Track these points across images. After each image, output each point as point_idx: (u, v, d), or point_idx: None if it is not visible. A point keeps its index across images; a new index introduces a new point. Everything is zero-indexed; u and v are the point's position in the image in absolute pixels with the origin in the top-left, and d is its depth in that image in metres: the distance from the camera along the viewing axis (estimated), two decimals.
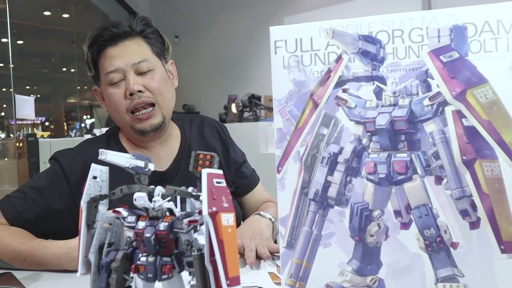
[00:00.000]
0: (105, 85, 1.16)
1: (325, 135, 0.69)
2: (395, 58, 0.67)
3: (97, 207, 0.57)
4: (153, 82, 1.15)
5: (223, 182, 0.52)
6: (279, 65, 0.71)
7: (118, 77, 1.14)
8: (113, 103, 1.15)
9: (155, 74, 1.17)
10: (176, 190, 0.53)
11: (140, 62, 1.15)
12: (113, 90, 1.15)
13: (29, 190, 1.13)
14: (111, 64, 1.15)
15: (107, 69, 1.15)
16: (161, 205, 0.54)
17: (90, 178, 0.57)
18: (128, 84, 1.13)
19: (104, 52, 1.17)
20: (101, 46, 1.17)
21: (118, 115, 1.16)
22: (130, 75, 1.14)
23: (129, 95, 1.13)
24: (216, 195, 0.50)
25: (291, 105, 0.70)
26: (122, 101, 1.14)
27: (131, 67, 1.14)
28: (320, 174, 0.70)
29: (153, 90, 1.15)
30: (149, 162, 0.59)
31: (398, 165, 0.67)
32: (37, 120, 7.75)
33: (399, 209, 0.67)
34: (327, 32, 0.69)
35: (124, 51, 1.16)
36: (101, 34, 1.16)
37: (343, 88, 0.69)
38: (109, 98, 1.16)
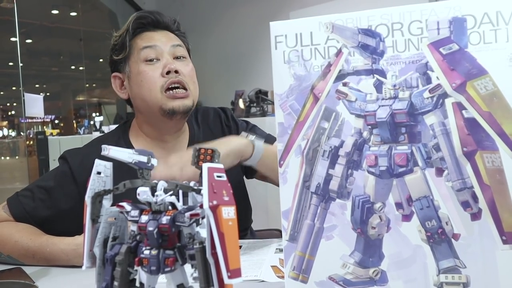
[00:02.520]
0: (138, 61, 1.15)
1: (326, 129, 0.70)
2: (395, 51, 0.67)
3: (102, 202, 0.58)
4: (187, 68, 1.17)
5: (223, 176, 0.53)
6: (280, 60, 0.71)
7: (154, 55, 1.14)
8: (147, 80, 1.14)
9: (189, 62, 1.20)
10: (177, 184, 0.54)
11: (178, 46, 1.18)
12: (148, 67, 1.14)
13: (37, 190, 1.14)
14: (149, 41, 1.16)
15: (144, 43, 1.15)
16: (164, 199, 0.55)
17: (94, 173, 0.58)
18: (167, 62, 1.13)
19: (141, 34, 1.18)
20: (140, 29, 1.18)
21: (149, 93, 1.14)
22: (167, 56, 1.15)
23: (166, 73, 1.13)
24: (217, 189, 0.51)
25: (292, 100, 0.71)
26: (158, 79, 1.13)
27: (169, 48, 1.16)
28: (321, 168, 0.70)
29: (187, 75, 1.16)
30: (152, 157, 0.60)
31: (399, 157, 0.67)
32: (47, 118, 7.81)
33: (401, 201, 0.68)
34: (326, 27, 0.69)
35: (164, 35, 1.18)
36: (145, 16, 1.18)
37: (344, 81, 0.69)
38: (143, 74, 1.14)
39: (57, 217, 1.13)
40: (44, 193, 1.14)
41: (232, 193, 0.52)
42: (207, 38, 6.25)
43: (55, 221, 1.13)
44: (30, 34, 7.62)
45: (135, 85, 1.17)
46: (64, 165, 1.17)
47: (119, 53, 1.19)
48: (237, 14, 5.98)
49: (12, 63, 5.86)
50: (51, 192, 1.14)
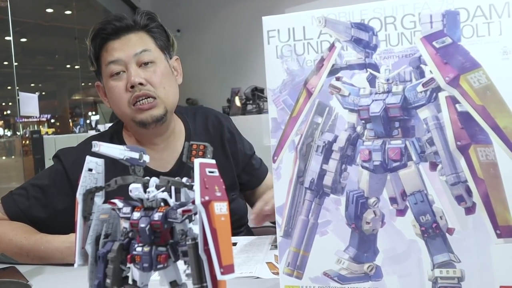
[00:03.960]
0: (107, 77, 1.15)
1: (320, 124, 0.69)
2: (388, 45, 0.67)
3: (93, 199, 0.58)
4: (155, 75, 1.13)
5: (215, 171, 0.52)
6: (273, 55, 0.71)
7: (119, 69, 1.12)
8: (114, 96, 1.14)
9: (157, 67, 1.15)
10: (169, 180, 0.53)
11: (142, 52, 1.13)
12: (114, 83, 1.13)
13: (31, 188, 1.13)
14: (112, 54, 1.13)
15: (108, 59, 1.13)
16: (156, 195, 0.54)
17: (86, 170, 0.57)
18: (130, 76, 1.11)
19: (106, 45, 1.15)
20: (103, 39, 1.15)
21: (119, 109, 1.15)
22: (132, 67, 1.12)
23: (130, 88, 1.11)
24: (209, 185, 0.50)
25: (285, 95, 0.70)
26: (124, 94, 1.12)
27: (132, 57, 1.12)
28: (315, 163, 0.70)
29: (155, 83, 1.13)
30: (143, 154, 0.59)
31: (393, 152, 0.67)
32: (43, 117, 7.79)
33: (395, 196, 0.67)
34: (319, 21, 0.69)
35: (126, 43, 1.14)
36: (103, 27, 1.15)
37: (337, 76, 0.69)
38: (110, 91, 1.15)
39: (52, 215, 1.12)
40: (39, 191, 1.13)
41: (224, 188, 0.52)
42: (203, 36, 6.24)
43: (50, 220, 1.12)
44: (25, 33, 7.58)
45: (110, 101, 1.18)
46: (58, 164, 1.16)
47: (91, 65, 1.20)
48: (232, 11, 5.97)
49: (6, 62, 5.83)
50: (45, 191, 1.13)
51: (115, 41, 1.14)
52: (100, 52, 1.16)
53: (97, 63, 1.18)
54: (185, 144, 0.57)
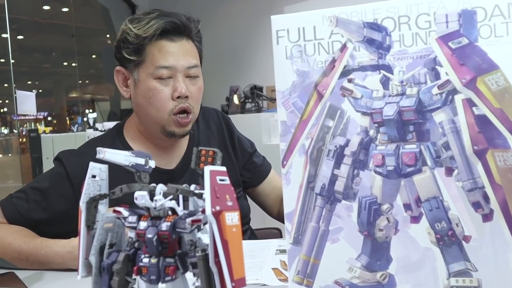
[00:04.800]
0: (149, 76, 1.11)
1: (331, 127, 0.67)
2: (402, 45, 0.64)
3: (97, 207, 0.55)
4: (197, 91, 1.15)
5: (226, 179, 0.50)
6: (282, 56, 0.68)
7: (168, 74, 1.11)
8: (157, 100, 1.11)
9: (199, 82, 1.17)
10: (178, 188, 0.51)
11: (193, 68, 1.13)
12: (159, 86, 1.11)
13: (31, 192, 1.11)
14: (166, 59, 1.10)
15: (160, 62, 1.10)
16: (163, 204, 0.52)
17: (89, 177, 0.55)
18: (180, 87, 1.10)
19: (160, 43, 1.11)
20: (157, 36, 1.11)
21: (156, 112, 1.12)
22: (181, 77, 1.12)
23: (177, 98, 1.11)
24: (220, 193, 0.48)
25: (295, 97, 0.68)
26: (169, 101, 1.11)
27: (184, 69, 1.12)
28: (326, 168, 0.67)
29: (194, 98, 1.14)
30: (149, 159, 0.57)
31: (407, 156, 0.65)
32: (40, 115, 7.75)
33: (409, 202, 0.65)
34: (330, 20, 0.66)
35: (182, 51, 1.12)
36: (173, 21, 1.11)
37: (349, 78, 0.66)
38: (152, 92, 1.11)
39: (52, 219, 1.10)
40: (39, 194, 1.10)
41: (235, 197, 0.50)
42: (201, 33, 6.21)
43: (50, 224, 1.10)
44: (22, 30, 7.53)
45: (143, 98, 1.13)
46: (59, 166, 1.13)
47: (131, 52, 1.12)
48: (231, 8, 5.94)
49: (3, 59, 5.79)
50: (45, 194, 1.10)
51: (171, 44, 1.12)
52: (147, 46, 1.11)
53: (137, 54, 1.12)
54: (193, 150, 0.55)
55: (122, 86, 1.18)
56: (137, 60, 1.12)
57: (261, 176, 1.37)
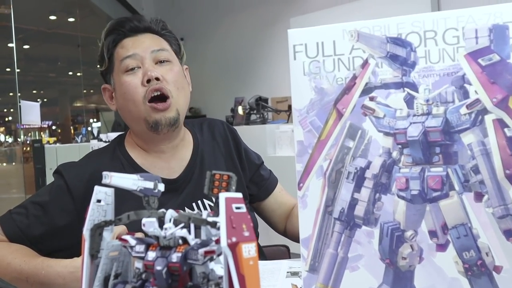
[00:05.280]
0: (120, 73, 1.10)
1: (351, 148, 0.63)
2: (428, 62, 0.61)
3: (102, 235, 0.51)
4: (171, 73, 1.11)
5: (243, 207, 0.46)
6: (299, 72, 0.65)
7: (134, 64, 1.09)
8: (129, 91, 1.09)
9: (174, 66, 1.13)
10: (190, 217, 0.47)
11: (159, 51, 1.11)
12: (128, 78, 1.09)
13: (31, 206, 1.07)
14: (127, 50, 1.10)
15: (124, 54, 1.10)
16: (174, 233, 0.48)
17: (94, 202, 0.51)
18: (146, 70, 1.08)
19: (122, 42, 1.13)
20: (119, 36, 1.13)
21: (133, 105, 1.09)
22: (148, 62, 1.09)
23: (146, 82, 1.07)
24: (236, 223, 0.44)
25: (313, 115, 0.64)
26: (139, 88, 1.08)
27: (149, 54, 1.10)
28: (345, 191, 0.63)
29: (171, 81, 1.10)
30: (158, 182, 0.53)
31: (433, 180, 0.60)
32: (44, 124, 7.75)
33: (435, 229, 0.61)
34: (351, 35, 0.63)
35: (143, 40, 1.12)
36: (122, 23, 1.13)
37: (370, 96, 0.62)
38: (124, 86, 1.10)
39: (53, 233, 1.06)
40: (39, 209, 1.06)
41: (252, 226, 0.46)
42: (206, 44, 6.20)
43: (51, 239, 1.06)
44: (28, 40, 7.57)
45: (120, 97, 1.12)
46: (59, 179, 1.09)
47: (102, 63, 1.15)
48: (237, 20, 5.94)
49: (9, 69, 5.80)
50: (46, 208, 1.06)
51: (132, 39, 1.13)
52: (114, 49, 1.13)
53: (109, 61, 1.14)
54: (206, 174, 0.51)
55: (110, 102, 1.18)
56: (106, 67, 1.14)
57: (268, 190, 1.33)
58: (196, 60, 6.03)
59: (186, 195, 1.14)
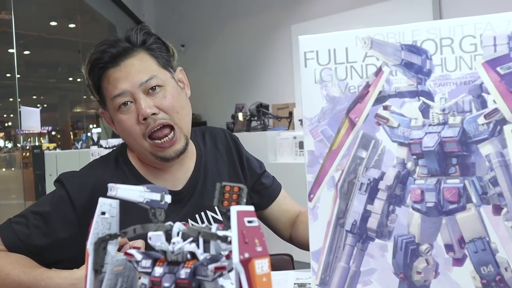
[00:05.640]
0: (114, 110, 1.06)
1: (364, 159, 0.61)
2: (444, 70, 0.59)
3: (106, 249, 0.49)
4: (166, 100, 1.05)
5: (255, 220, 0.44)
6: (310, 79, 0.63)
7: (126, 100, 1.04)
8: (126, 130, 1.06)
9: (166, 90, 1.07)
10: (200, 231, 0.45)
11: (148, 80, 1.05)
12: (123, 116, 1.05)
13: (31, 216, 1.04)
14: (115, 87, 1.04)
15: (113, 93, 1.05)
16: (182, 247, 0.45)
17: (98, 215, 0.49)
18: (140, 109, 1.02)
19: (106, 75, 1.06)
20: (101, 69, 1.06)
21: (134, 142, 1.06)
22: (140, 97, 1.03)
23: (143, 120, 1.03)
24: (248, 238, 0.42)
25: (324, 125, 0.62)
26: (136, 127, 1.04)
27: (138, 87, 1.04)
28: (358, 203, 0.61)
29: (167, 109, 1.05)
30: (165, 194, 0.51)
31: (449, 192, 0.58)
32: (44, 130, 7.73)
33: (451, 242, 0.59)
34: (364, 42, 0.61)
35: (128, 71, 1.05)
36: (100, 57, 1.06)
37: (384, 105, 0.60)
38: (121, 124, 1.06)
39: (54, 245, 1.03)
40: (40, 219, 1.04)
41: (264, 240, 0.44)
42: (207, 51, 6.19)
43: (52, 250, 1.03)
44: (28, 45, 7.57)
45: (120, 132, 1.09)
46: (61, 189, 1.07)
47: (94, 95, 1.12)
48: (238, 26, 5.93)
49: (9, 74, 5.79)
50: (47, 218, 1.04)
51: (115, 70, 1.06)
52: (101, 83, 1.08)
53: (99, 93, 1.10)
54: (216, 185, 0.49)
55: (110, 124, 1.14)
56: (101, 99, 1.10)
57: (270, 198, 1.31)
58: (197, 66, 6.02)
59: (190, 206, 1.11)
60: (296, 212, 1.30)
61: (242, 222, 0.42)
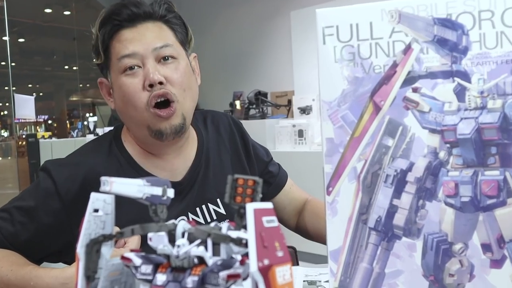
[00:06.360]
0: (117, 73, 0.97)
1: (390, 147, 0.54)
2: (483, 47, 0.52)
3: (100, 251, 0.42)
4: (176, 73, 0.97)
5: (274, 220, 0.38)
6: (329, 58, 0.56)
7: (134, 63, 0.96)
8: (128, 95, 0.97)
9: (179, 64, 0.99)
10: (210, 233, 0.38)
11: (163, 47, 0.97)
12: (127, 80, 0.96)
13: (16, 212, 0.96)
14: (126, 47, 0.96)
15: (122, 52, 0.96)
16: (188, 251, 0.39)
17: (90, 212, 0.42)
18: (148, 73, 0.94)
19: (119, 34, 0.97)
20: (116, 26, 0.97)
21: (134, 110, 0.97)
22: (150, 63, 0.95)
23: (149, 87, 0.94)
24: (268, 241, 0.36)
25: (345, 109, 0.55)
26: (140, 93, 0.95)
27: (151, 52, 0.96)
28: (383, 197, 0.55)
29: (176, 83, 0.97)
30: (167, 188, 0.44)
31: (488, 185, 0.52)
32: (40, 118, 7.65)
33: (489, 242, 0.52)
34: (391, 15, 0.54)
35: (144, 34, 0.97)
36: (118, 12, 0.97)
37: (414, 86, 0.54)
38: (122, 89, 0.97)
39: (41, 240, 0.96)
40: (24, 215, 0.96)
41: (285, 243, 0.37)
42: (205, 38, 6.10)
43: (38, 246, 0.96)
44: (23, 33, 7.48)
45: (119, 99, 1.00)
46: (47, 180, 0.97)
47: (97, 57, 1.01)
48: (236, 13, 5.84)
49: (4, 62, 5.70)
50: (32, 214, 0.95)
51: (131, 30, 0.98)
52: (110, 42, 0.99)
53: (105, 55, 1.00)
54: (228, 178, 0.42)
55: (108, 98, 1.05)
56: (105, 62, 1.01)
57: (278, 187, 1.23)
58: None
59: (190, 199, 1.03)
60: (303, 200, 1.23)
61: (260, 223, 0.36)
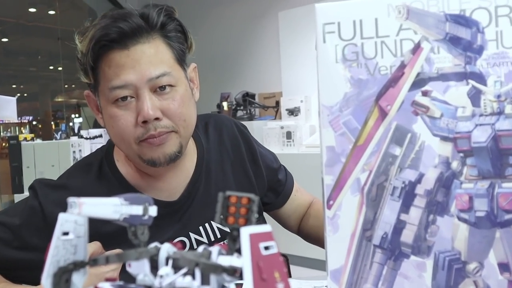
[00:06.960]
0: (107, 101, 0.87)
1: (398, 157, 0.50)
2: (500, 46, 0.48)
3: (69, 281, 0.36)
4: (174, 104, 0.87)
5: (273, 245, 0.33)
6: (330, 58, 0.51)
7: (126, 93, 0.85)
8: (119, 129, 0.87)
9: (177, 92, 0.88)
10: (198, 262, 0.32)
11: (159, 77, 0.86)
12: (119, 112, 0.86)
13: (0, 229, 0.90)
14: (118, 75, 0.85)
15: (113, 82, 0.85)
16: (173, 282, 0.33)
17: (58, 237, 0.36)
18: (143, 109, 0.84)
19: (109, 56, 0.86)
20: (104, 47, 0.85)
21: (122, 143, 0.89)
22: (145, 95, 0.85)
23: (142, 123, 0.85)
24: (266, 272, 0.31)
25: (348, 114, 0.50)
26: (131, 128, 0.86)
27: (146, 83, 0.85)
28: (390, 211, 0.50)
29: (174, 116, 0.87)
30: (149, 206, 0.38)
31: (505, 199, 0.47)
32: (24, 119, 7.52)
33: (507, 261, 0.48)
34: (399, 11, 0.49)
35: (137, 60, 0.85)
36: (106, 32, 0.84)
37: (424, 90, 0.49)
38: (113, 121, 0.87)
39: (23, 261, 0.89)
40: (8, 232, 0.89)
41: (286, 272, 0.32)
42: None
43: (20, 268, 0.89)
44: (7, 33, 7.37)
45: (108, 126, 0.91)
46: (34, 199, 0.90)
47: (84, 75, 0.90)
48: (223, 13, 5.80)
49: None
50: (16, 232, 0.89)
51: (122, 54, 0.85)
52: (99, 63, 0.87)
53: (93, 76, 0.89)
54: (218, 196, 0.36)
55: (96, 112, 0.95)
56: (94, 84, 0.90)
57: (285, 196, 1.15)
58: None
59: (190, 218, 0.95)
60: (308, 204, 1.15)
61: (257, 250, 0.31)
